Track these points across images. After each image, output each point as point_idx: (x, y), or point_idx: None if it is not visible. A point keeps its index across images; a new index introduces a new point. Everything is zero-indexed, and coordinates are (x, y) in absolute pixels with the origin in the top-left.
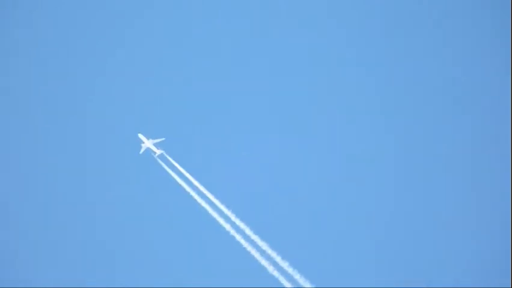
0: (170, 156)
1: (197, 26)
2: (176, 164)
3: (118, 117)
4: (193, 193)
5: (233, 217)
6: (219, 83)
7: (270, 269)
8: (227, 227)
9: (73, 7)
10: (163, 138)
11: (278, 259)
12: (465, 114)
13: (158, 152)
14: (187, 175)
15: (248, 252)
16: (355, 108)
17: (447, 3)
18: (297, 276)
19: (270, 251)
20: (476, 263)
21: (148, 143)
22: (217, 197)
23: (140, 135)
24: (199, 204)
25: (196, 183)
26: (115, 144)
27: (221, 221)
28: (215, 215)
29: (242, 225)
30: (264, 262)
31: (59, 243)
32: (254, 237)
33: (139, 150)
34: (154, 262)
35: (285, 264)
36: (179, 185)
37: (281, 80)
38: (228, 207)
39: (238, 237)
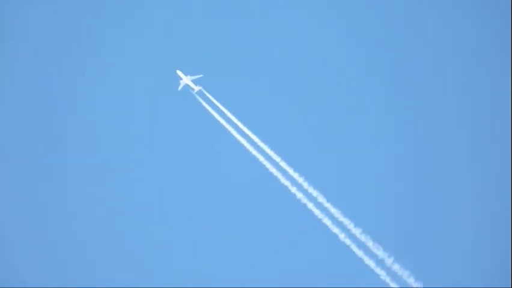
0: (208, 92)
1: None
2: (214, 101)
3: (156, 54)
4: (232, 130)
5: (272, 153)
6: (258, 18)
7: (341, 235)
8: (268, 165)
9: None
10: (201, 75)
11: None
12: (465, 114)
13: (196, 88)
14: (226, 112)
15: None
16: (352, 107)
17: (447, 3)
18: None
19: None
20: (476, 263)
21: (186, 80)
22: (254, 132)
23: (179, 72)
24: (237, 140)
25: (235, 120)
26: (153, 80)
27: (261, 158)
28: (251, 149)
29: (287, 168)
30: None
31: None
32: (300, 180)
33: (178, 87)
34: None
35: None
36: (218, 122)
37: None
38: (265, 142)
39: (288, 184)
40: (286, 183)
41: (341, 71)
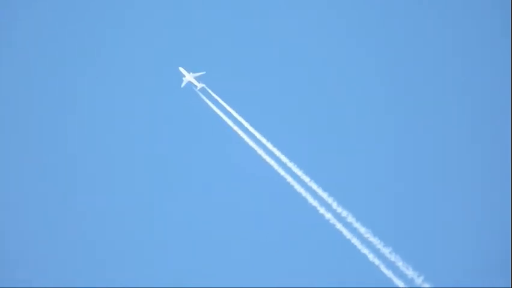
0: (211, 89)
1: None
2: (217, 98)
3: (158, 51)
4: (235, 127)
5: (274, 149)
6: (261, 15)
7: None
8: (271, 162)
9: None
10: (204, 72)
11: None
12: (465, 114)
13: (199, 85)
14: (229, 109)
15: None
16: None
17: (447, 3)
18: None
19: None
20: (476, 263)
21: (189, 77)
22: (258, 129)
23: (181, 69)
24: (240, 137)
25: (238, 117)
26: (156, 78)
27: (263, 153)
28: (255, 146)
29: (289, 163)
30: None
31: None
32: (294, 168)
33: (180, 84)
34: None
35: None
36: (221, 119)
37: None
38: (268, 139)
39: (287, 176)
40: (296, 185)
41: (341, 66)
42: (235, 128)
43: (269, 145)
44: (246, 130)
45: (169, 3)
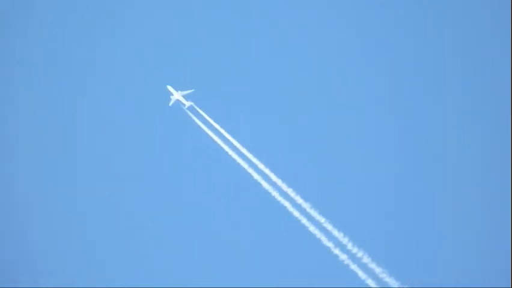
0: (199, 107)
1: None
2: (206, 116)
3: (146, 69)
4: (223, 144)
5: (264, 168)
6: (249, 34)
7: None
8: (258, 178)
9: None
10: (192, 90)
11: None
12: (464, 114)
13: (187, 103)
14: (217, 126)
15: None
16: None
17: (447, 3)
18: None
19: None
20: (476, 263)
21: (177, 95)
22: (246, 147)
23: (169, 87)
24: (228, 155)
25: (226, 134)
26: (144, 96)
27: (251, 171)
28: (243, 163)
29: (278, 181)
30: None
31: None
32: (287, 189)
33: (169, 103)
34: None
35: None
36: (209, 137)
37: None
38: (257, 157)
39: (275, 194)
40: (282, 199)
41: (336, 79)
42: (224, 146)
43: (258, 162)
44: (234, 148)
45: (157, 20)
